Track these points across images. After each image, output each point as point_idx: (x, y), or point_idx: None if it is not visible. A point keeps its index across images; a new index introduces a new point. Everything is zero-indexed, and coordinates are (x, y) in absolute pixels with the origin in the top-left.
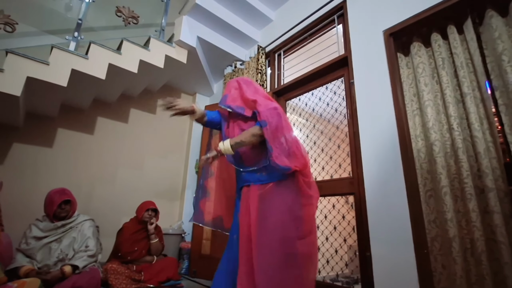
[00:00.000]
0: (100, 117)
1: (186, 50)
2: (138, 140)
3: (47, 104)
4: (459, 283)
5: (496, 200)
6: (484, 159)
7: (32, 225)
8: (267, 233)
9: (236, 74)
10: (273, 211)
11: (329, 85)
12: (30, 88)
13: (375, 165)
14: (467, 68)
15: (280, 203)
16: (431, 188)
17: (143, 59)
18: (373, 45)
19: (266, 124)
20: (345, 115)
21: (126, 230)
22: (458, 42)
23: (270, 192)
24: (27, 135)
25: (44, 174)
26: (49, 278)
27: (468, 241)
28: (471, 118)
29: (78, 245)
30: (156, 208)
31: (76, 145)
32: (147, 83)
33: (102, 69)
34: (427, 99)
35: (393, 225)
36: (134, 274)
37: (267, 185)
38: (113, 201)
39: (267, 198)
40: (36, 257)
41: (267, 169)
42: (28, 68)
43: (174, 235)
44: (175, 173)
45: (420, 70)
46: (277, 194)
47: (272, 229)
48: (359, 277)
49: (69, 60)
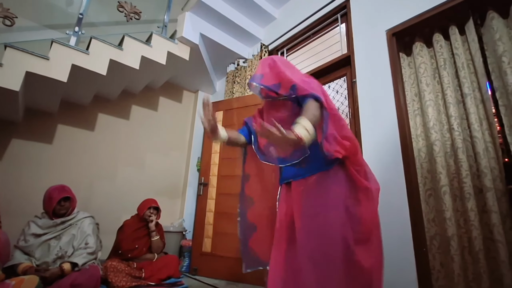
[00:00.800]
0: (101, 114)
1: (189, 47)
2: (139, 137)
3: (47, 100)
4: (457, 281)
5: (494, 200)
6: (483, 159)
7: (31, 222)
8: (316, 235)
9: (238, 72)
10: (321, 208)
11: (332, 84)
12: (29, 83)
13: (376, 164)
14: (468, 68)
15: (328, 198)
16: (430, 187)
17: (145, 55)
18: (376, 45)
19: (319, 97)
20: (347, 114)
21: (127, 227)
22: (460, 43)
23: (314, 186)
24: (27, 130)
25: (44, 171)
26: (47, 276)
27: (466, 239)
28: (471, 119)
29: (78, 242)
30: (157, 206)
31: (76, 142)
32: (149, 80)
33: (103, 65)
34: (428, 99)
35: (393, 223)
36: (135, 271)
37: (309, 179)
38: (113, 198)
39: (312, 193)
40: (34, 255)
41: (305, 160)
42: (27, 62)
43: (175, 232)
44: (176, 170)
45: (422, 70)
46: (324, 188)
47: (321, 230)
48: None
49: (70, 55)
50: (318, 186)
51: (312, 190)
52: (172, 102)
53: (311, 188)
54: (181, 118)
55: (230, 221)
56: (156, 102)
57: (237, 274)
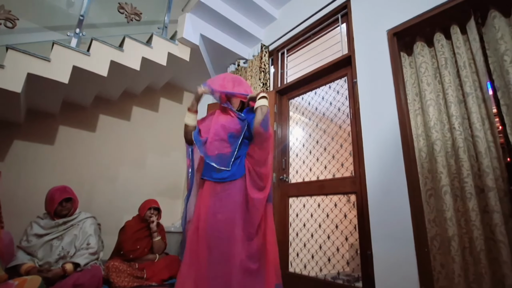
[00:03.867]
0: (102, 115)
1: (189, 47)
2: (140, 138)
3: (48, 101)
4: (457, 282)
5: (496, 200)
6: (485, 159)
7: (33, 223)
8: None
9: (239, 72)
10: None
11: (332, 84)
12: (31, 84)
13: (377, 164)
14: (470, 68)
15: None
16: (431, 187)
17: (146, 56)
18: (377, 45)
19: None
20: (348, 115)
21: (129, 228)
22: (461, 42)
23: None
24: (28, 132)
25: (45, 172)
26: (50, 276)
27: (467, 240)
28: (472, 118)
29: (80, 242)
30: (158, 207)
31: (77, 143)
32: (150, 81)
33: (104, 66)
34: (429, 99)
35: (394, 224)
36: (137, 272)
37: (228, 184)
38: (115, 199)
39: (224, 195)
40: (37, 255)
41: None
42: (28, 64)
43: (177, 233)
44: (177, 171)
45: (422, 70)
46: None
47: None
48: (360, 275)
49: (71, 56)
50: (231, 190)
51: (225, 193)
52: (173, 103)
53: (226, 191)
54: (182, 119)
55: None
56: (157, 103)
57: None
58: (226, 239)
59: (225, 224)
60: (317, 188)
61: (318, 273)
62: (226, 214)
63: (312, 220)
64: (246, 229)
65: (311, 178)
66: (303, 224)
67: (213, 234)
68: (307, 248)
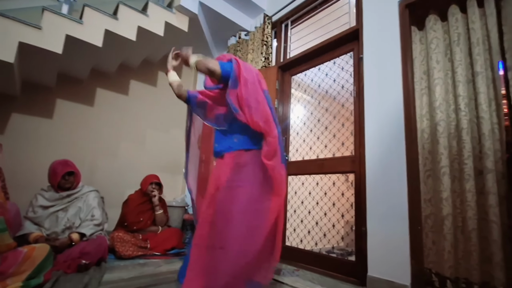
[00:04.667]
0: (99, 89)
1: (188, 17)
2: (139, 113)
3: (44, 73)
4: (447, 258)
5: (494, 182)
6: (488, 141)
7: (38, 195)
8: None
9: (240, 45)
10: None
11: (337, 60)
12: (23, 54)
13: (377, 144)
14: (483, 45)
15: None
16: (430, 168)
17: (142, 26)
18: (387, 17)
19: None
20: (351, 93)
21: (131, 201)
22: (477, 16)
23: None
24: (25, 105)
25: (46, 145)
26: (57, 245)
27: (460, 219)
28: (480, 99)
29: (84, 214)
30: (159, 182)
31: (76, 117)
32: (147, 53)
33: (98, 36)
34: (437, 77)
35: (390, 203)
36: (140, 242)
37: (239, 153)
38: (116, 173)
39: (237, 167)
40: (44, 225)
41: (234, 132)
42: (19, 32)
43: (178, 207)
44: (177, 148)
45: (433, 46)
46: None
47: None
48: (353, 250)
49: (63, 24)
50: (245, 161)
51: (239, 164)
52: None
53: (239, 162)
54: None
55: None
56: (155, 77)
57: None
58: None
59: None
60: (317, 166)
61: (313, 247)
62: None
63: (310, 197)
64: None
65: (311, 156)
66: (301, 201)
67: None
68: (304, 224)
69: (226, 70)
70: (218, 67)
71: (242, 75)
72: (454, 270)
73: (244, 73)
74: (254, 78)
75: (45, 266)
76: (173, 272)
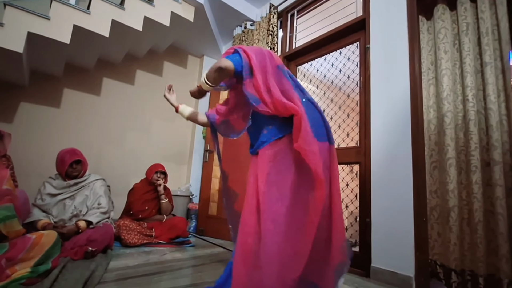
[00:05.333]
0: (106, 78)
1: (193, 7)
2: (145, 102)
3: (51, 62)
4: (452, 250)
5: (501, 174)
6: (495, 132)
7: (46, 183)
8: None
9: (246, 35)
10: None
11: (343, 50)
12: (32, 44)
13: (383, 135)
14: (492, 35)
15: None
16: (436, 159)
17: (148, 16)
18: (394, 7)
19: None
20: (357, 83)
21: (137, 190)
22: (487, 5)
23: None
24: (34, 94)
25: (54, 134)
26: (65, 232)
27: (466, 211)
28: (488, 90)
29: (91, 202)
30: (164, 171)
31: (83, 106)
32: (153, 43)
33: (105, 26)
34: (444, 68)
35: (395, 194)
36: (146, 230)
37: (274, 143)
38: (122, 162)
39: (276, 158)
40: (51, 212)
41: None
42: (28, 22)
43: (183, 196)
44: (182, 137)
45: (441, 36)
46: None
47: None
48: (357, 241)
49: (71, 15)
50: (280, 150)
51: (275, 155)
52: (177, 67)
53: (274, 153)
54: (186, 84)
55: None
56: (160, 66)
57: None
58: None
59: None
60: None
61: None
62: None
63: None
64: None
65: None
66: None
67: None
68: None
69: (237, 62)
70: (230, 62)
71: (253, 62)
72: (459, 262)
73: (254, 58)
74: (265, 60)
75: (53, 253)
76: (178, 260)
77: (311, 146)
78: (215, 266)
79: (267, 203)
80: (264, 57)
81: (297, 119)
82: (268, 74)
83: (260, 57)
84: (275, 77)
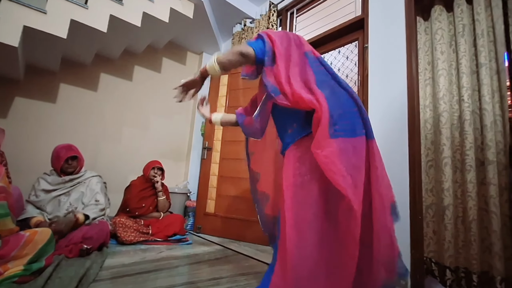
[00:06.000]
0: (103, 74)
1: (193, 3)
2: (143, 99)
3: (48, 57)
4: (447, 247)
5: (495, 173)
6: (489, 132)
7: (40, 179)
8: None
9: (245, 33)
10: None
11: (342, 49)
12: (28, 38)
13: (380, 134)
14: (488, 37)
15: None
16: (432, 158)
17: (147, 12)
18: (393, 7)
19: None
20: (355, 82)
21: (134, 187)
22: (483, 7)
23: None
24: (29, 89)
25: (49, 129)
26: (62, 228)
27: (461, 210)
28: (483, 90)
29: (87, 199)
30: (161, 167)
31: (79, 102)
32: (152, 39)
33: (103, 21)
34: (441, 68)
35: None
36: (142, 228)
37: (299, 143)
38: (119, 159)
39: (301, 159)
40: (46, 209)
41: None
42: (24, 16)
43: (180, 193)
44: (180, 134)
45: (438, 37)
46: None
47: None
48: None
49: (68, 9)
50: (307, 148)
51: (302, 155)
52: (176, 64)
53: (301, 152)
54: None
55: (232, 185)
56: (159, 63)
57: (238, 233)
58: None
59: None
60: None
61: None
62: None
63: None
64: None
65: None
66: None
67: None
68: None
69: (260, 49)
70: (251, 48)
71: (277, 48)
72: (454, 260)
73: (279, 44)
74: (290, 46)
75: (47, 250)
76: (175, 258)
77: (324, 149)
78: (212, 264)
79: (291, 210)
80: (290, 43)
81: (316, 116)
82: (292, 63)
83: (286, 43)
84: (299, 66)
